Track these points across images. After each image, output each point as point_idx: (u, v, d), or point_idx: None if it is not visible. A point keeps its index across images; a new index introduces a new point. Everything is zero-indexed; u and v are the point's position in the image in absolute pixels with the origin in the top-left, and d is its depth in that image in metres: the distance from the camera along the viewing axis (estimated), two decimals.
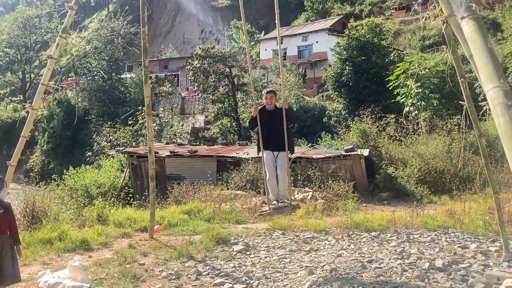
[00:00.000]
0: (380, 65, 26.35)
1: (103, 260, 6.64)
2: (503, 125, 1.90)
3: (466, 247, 7.32)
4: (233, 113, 32.24)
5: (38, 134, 42.92)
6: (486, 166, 6.29)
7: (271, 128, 7.05)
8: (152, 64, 50.71)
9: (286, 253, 7.25)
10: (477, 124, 6.15)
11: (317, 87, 40.18)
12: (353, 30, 27.91)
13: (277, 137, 6.93)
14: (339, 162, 14.79)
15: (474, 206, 9.71)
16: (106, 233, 8.18)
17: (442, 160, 14.44)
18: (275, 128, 6.99)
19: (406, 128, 17.14)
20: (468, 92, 5.90)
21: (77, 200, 14.26)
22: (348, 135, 18.74)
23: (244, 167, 14.34)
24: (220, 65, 32.24)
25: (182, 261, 6.81)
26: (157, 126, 31.38)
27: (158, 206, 11.03)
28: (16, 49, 57.17)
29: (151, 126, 8.10)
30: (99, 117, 40.01)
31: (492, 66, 1.93)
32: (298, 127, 29.15)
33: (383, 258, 6.77)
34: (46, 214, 8.95)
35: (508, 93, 1.92)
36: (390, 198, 13.91)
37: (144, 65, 7.53)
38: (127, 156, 18.02)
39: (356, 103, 25.15)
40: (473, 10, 2.03)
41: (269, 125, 7.05)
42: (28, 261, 6.61)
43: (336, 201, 11.56)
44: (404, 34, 43.33)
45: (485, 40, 2.01)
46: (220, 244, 7.71)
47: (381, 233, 8.48)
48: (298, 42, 46.61)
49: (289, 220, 9.46)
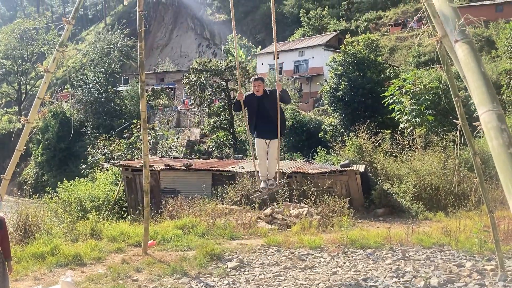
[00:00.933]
0: (376, 81, 26.52)
1: (96, 276, 6.56)
2: (497, 148, 1.91)
3: (462, 265, 7.29)
4: (228, 127, 32.27)
5: (32, 145, 42.72)
6: (481, 184, 6.30)
7: (261, 114, 7.12)
8: (148, 77, 50.90)
9: (281, 270, 7.20)
10: (471, 143, 6.17)
11: (313, 101, 40.34)
12: (349, 46, 28.15)
13: (268, 123, 7.02)
14: (334, 177, 14.77)
15: (469, 224, 9.70)
16: (99, 248, 8.11)
17: (437, 177, 14.44)
18: (265, 114, 7.04)
19: (401, 144, 17.17)
20: (462, 111, 5.92)
21: (71, 214, 14.13)
22: (344, 150, 18.76)
23: (239, 181, 14.29)
24: (217, 78, 32.37)
25: (175, 278, 6.75)
26: (153, 139, 31.32)
27: (152, 221, 10.96)
28: (12, 60, 57.26)
29: (147, 140, 8.09)
30: (94, 130, 39.90)
31: (486, 89, 1.94)
32: (294, 141, 29.18)
33: (378, 276, 6.73)
34: (38, 228, 8.88)
35: (501, 116, 1.92)
36: (385, 214, 13.88)
37: (140, 79, 7.55)
38: (122, 169, 17.93)
39: (351, 118, 25.23)
40: (467, 34, 2.05)
41: (259, 111, 7.12)
42: (20, 276, 6.52)
43: (331, 217, 11.51)
44: (399, 50, 43.72)
45: (478, 63, 2.03)
46: (214, 260, 7.65)
47: (376, 250, 8.44)
48: (294, 57, 46.93)
49: (284, 237, 9.41)
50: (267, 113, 7.01)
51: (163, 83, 53.36)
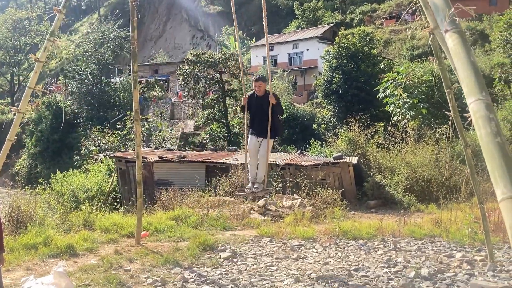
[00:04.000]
0: (370, 74, 26.56)
1: (88, 266, 6.57)
2: (485, 137, 1.93)
3: (452, 256, 7.37)
4: (223, 119, 32.20)
5: (25, 137, 42.47)
6: (472, 176, 6.35)
7: (258, 113, 7.33)
8: (142, 69, 50.57)
9: (273, 260, 7.24)
10: (463, 135, 6.21)
11: (307, 94, 40.35)
12: (343, 39, 28.13)
13: (263, 123, 7.15)
14: (327, 169, 14.83)
15: (460, 215, 9.79)
16: (92, 238, 8.10)
17: (429, 169, 14.55)
18: (261, 114, 7.21)
19: (394, 137, 17.26)
20: (454, 102, 5.96)
21: (64, 205, 14.10)
22: (337, 143, 18.82)
23: (233, 173, 14.31)
24: (211, 70, 32.23)
25: (168, 268, 6.77)
26: (146, 131, 31.21)
27: (146, 212, 10.96)
28: (5, 51, 56.71)
29: (139, 131, 8.07)
30: (88, 121, 39.66)
31: (475, 79, 1.96)
32: (288, 134, 29.19)
33: (369, 267, 6.79)
34: (31, 219, 8.85)
35: (490, 106, 1.94)
36: (378, 206, 13.98)
37: (133, 70, 7.52)
38: (115, 161, 17.90)
39: (345, 111, 25.28)
40: (457, 24, 2.06)
41: (256, 109, 7.34)
42: (12, 266, 6.51)
43: (324, 209, 11.57)
44: (393, 43, 43.75)
45: (468, 53, 2.04)
46: (207, 251, 7.68)
47: (368, 241, 8.51)
48: (288, 50, 46.84)
49: (277, 228, 9.45)
50: (264, 112, 7.11)
51: (157, 75, 53.07)
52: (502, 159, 1.87)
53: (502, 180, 1.89)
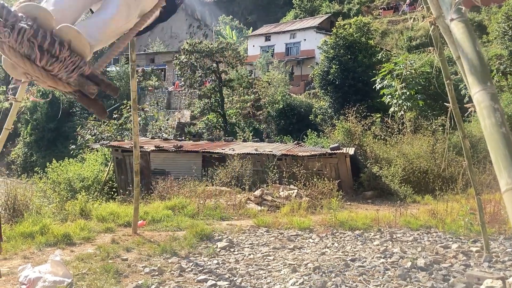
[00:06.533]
0: (367, 65, 26.51)
1: (85, 255, 6.56)
2: (489, 127, 1.90)
3: (448, 247, 7.41)
4: (219, 109, 32.15)
5: (21, 126, 42.24)
6: (469, 167, 6.36)
7: None
8: (139, 58, 50.22)
9: (270, 250, 7.26)
10: (461, 126, 6.21)
11: (304, 84, 40.27)
12: (340, 29, 28.02)
13: None
14: (324, 160, 14.84)
15: (456, 207, 9.83)
16: (88, 227, 8.09)
17: (426, 160, 14.59)
18: None
19: (391, 128, 17.27)
20: (453, 93, 5.95)
21: (60, 194, 14.09)
22: (334, 134, 18.83)
23: (230, 163, 14.30)
24: (207, 60, 32.11)
25: (165, 257, 6.77)
26: (143, 120, 31.13)
27: (142, 201, 10.95)
28: None
29: (137, 120, 8.02)
30: (84, 110, 39.45)
31: (480, 69, 1.93)
32: (284, 124, 29.19)
33: (366, 257, 6.82)
34: (27, 208, 8.84)
35: (495, 96, 1.92)
36: (374, 197, 14.02)
37: (131, 59, 7.44)
38: (112, 150, 17.86)
39: (342, 102, 25.27)
40: (463, 13, 2.03)
41: None
42: (9, 255, 6.50)
43: (320, 199, 11.59)
44: (391, 34, 43.65)
45: (473, 43, 2.01)
46: (204, 241, 7.69)
47: (364, 231, 8.54)
48: (286, 39, 46.64)
49: (274, 218, 9.47)
50: None
51: (153, 64, 52.77)
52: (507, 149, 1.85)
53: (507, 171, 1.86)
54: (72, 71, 1.82)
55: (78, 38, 1.85)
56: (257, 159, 15.31)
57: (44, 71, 1.79)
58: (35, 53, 1.73)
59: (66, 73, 1.82)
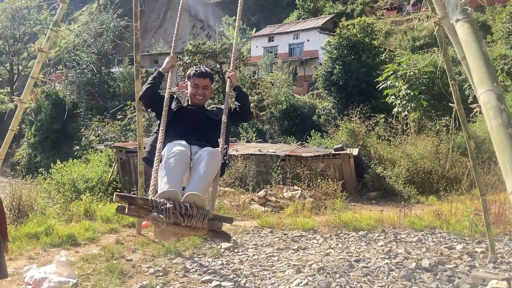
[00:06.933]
0: (370, 65, 26.45)
1: (90, 256, 6.58)
2: (496, 128, 1.90)
3: (453, 248, 7.39)
4: None
5: (25, 126, 42.36)
6: (474, 168, 6.34)
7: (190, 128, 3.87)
8: (142, 59, 50.03)
9: (274, 251, 7.26)
10: (466, 126, 6.19)
11: (307, 85, 40.22)
12: (344, 29, 27.97)
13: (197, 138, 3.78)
14: (328, 161, 14.82)
15: (460, 207, 9.81)
16: (93, 228, 8.12)
17: (430, 161, 14.55)
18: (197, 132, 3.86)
19: (395, 128, 17.23)
20: (458, 94, 5.93)
21: (64, 195, 14.10)
22: (338, 134, 18.80)
23: (233, 164, 14.31)
24: (211, 61, 32.12)
25: (169, 258, 6.79)
26: (147, 121, 31.18)
27: None
28: (4, 40, 56.31)
29: (141, 121, 8.03)
30: (88, 111, 39.60)
31: (486, 69, 1.93)
32: (288, 125, 29.15)
33: (370, 258, 6.81)
34: (32, 208, 8.87)
35: (501, 96, 1.92)
36: (378, 197, 13.99)
37: (135, 60, 7.46)
38: (116, 151, 17.87)
39: (345, 102, 25.23)
40: (468, 13, 2.03)
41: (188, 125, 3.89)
42: (14, 255, 6.53)
43: (324, 200, 11.59)
44: (395, 34, 43.56)
45: (479, 43, 2.02)
46: (208, 241, 7.70)
47: (368, 232, 8.53)
48: (289, 40, 46.60)
49: (278, 218, 9.48)
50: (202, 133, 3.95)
51: (156, 65, 52.84)
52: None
53: None
54: (203, 220, 2.79)
55: (198, 198, 2.83)
56: (261, 159, 15.30)
57: (187, 227, 2.76)
58: (179, 219, 2.70)
59: (200, 222, 2.78)
